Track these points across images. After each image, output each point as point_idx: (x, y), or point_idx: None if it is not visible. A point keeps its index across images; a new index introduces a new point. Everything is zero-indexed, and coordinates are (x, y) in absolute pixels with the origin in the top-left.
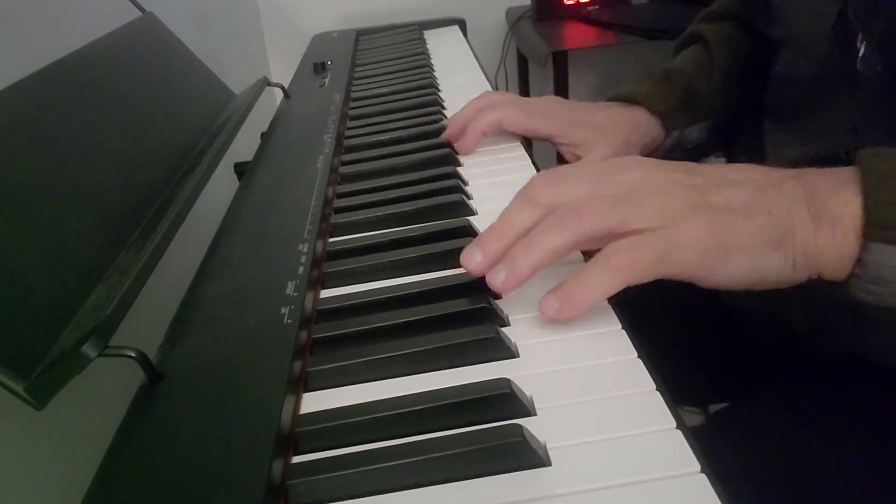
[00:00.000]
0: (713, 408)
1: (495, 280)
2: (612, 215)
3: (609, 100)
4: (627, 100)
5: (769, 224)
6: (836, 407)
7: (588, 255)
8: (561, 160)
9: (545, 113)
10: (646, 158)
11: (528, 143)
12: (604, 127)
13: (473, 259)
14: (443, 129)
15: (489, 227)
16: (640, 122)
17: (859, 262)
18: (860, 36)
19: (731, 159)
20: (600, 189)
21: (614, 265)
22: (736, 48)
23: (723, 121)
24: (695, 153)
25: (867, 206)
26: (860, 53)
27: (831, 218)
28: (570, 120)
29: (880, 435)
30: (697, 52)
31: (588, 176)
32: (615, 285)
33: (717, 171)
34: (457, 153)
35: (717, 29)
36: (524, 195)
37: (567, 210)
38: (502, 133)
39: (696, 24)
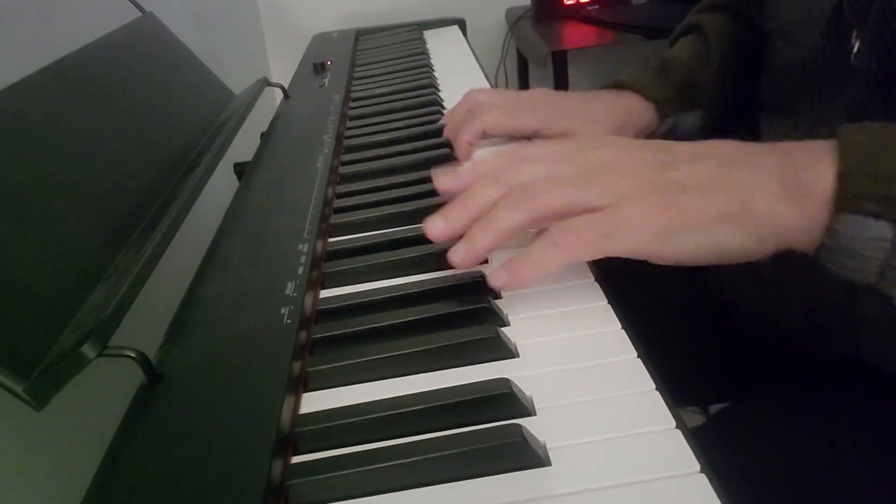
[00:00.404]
0: (714, 408)
1: (455, 256)
2: (563, 195)
3: (603, 87)
4: (621, 87)
5: (726, 199)
6: (834, 407)
7: None
8: None
9: (531, 108)
10: (619, 138)
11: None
12: (594, 115)
13: (436, 227)
14: (440, 130)
15: (457, 198)
16: (634, 109)
17: (830, 232)
18: (854, 31)
19: None
20: (559, 169)
21: (557, 242)
22: (733, 39)
23: (719, 110)
24: (687, 140)
25: (840, 177)
26: (854, 49)
27: (804, 189)
28: (557, 112)
29: (878, 435)
30: (694, 42)
31: (552, 155)
32: (557, 262)
33: (686, 148)
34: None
35: (714, 19)
36: (492, 172)
37: (521, 191)
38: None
39: (693, 14)
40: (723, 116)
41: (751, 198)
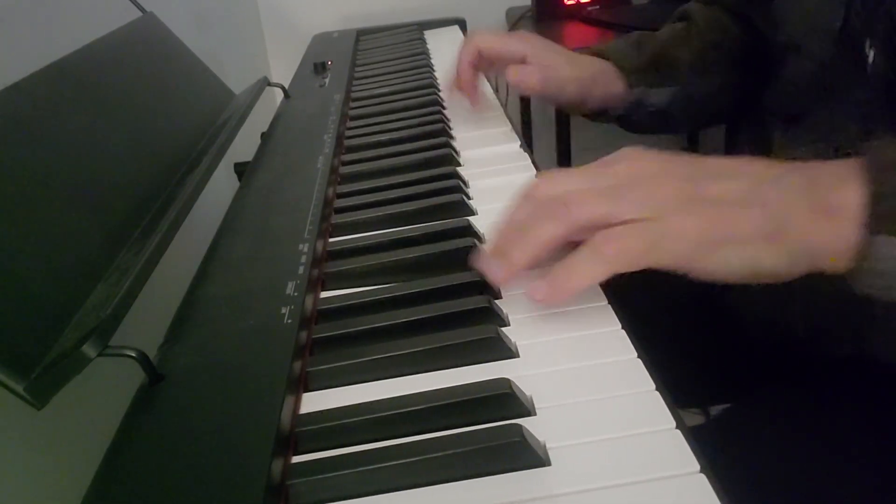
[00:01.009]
0: (714, 410)
1: (492, 273)
2: (601, 205)
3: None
4: (597, 54)
5: (762, 217)
6: (835, 409)
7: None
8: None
9: (522, 38)
10: (644, 149)
11: (528, 143)
12: (574, 59)
13: (481, 258)
14: (440, 130)
15: (497, 228)
16: (606, 72)
17: (862, 254)
18: (868, 41)
19: None
20: (594, 181)
21: (602, 253)
22: (720, 31)
23: (692, 95)
24: (658, 118)
25: (870, 197)
26: (870, 58)
27: (833, 210)
28: (544, 47)
29: (879, 436)
30: (678, 27)
31: (585, 171)
32: (602, 273)
33: (715, 163)
34: (456, 154)
35: (706, 10)
36: (525, 192)
37: (557, 202)
38: (501, 132)
39: (689, 4)
40: (699, 100)
41: (783, 217)
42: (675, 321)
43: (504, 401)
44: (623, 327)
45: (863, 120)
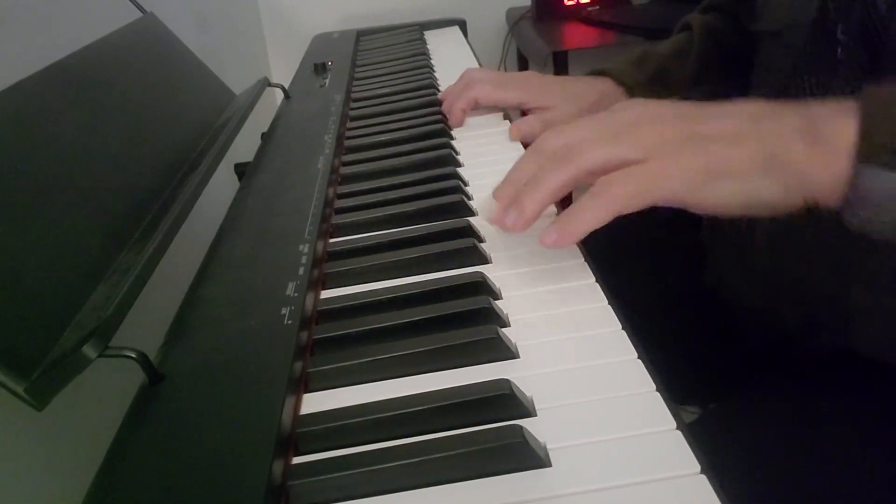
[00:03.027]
0: (707, 406)
1: (506, 221)
2: (602, 149)
3: (586, 74)
4: (599, 74)
5: (758, 149)
6: (828, 403)
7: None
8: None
9: (519, 84)
10: (647, 99)
11: (528, 143)
12: (572, 95)
13: (493, 209)
14: (441, 130)
15: (503, 179)
16: (608, 93)
17: (851, 185)
18: (840, 27)
19: None
20: (598, 129)
21: (603, 196)
22: (718, 37)
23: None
24: None
25: (862, 129)
26: (840, 44)
27: (826, 141)
28: (541, 89)
29: (872, 429)
30: (680, 39)
31: (585, 121)
32: (605, 215)
33: (713, 106)
34: (456, 155)
35: (705, 19)
36: (533, 145)
37: (564, 149)
38: (502, 132)
39: (691, 14)
40: None
41: (777, 149)
42: (670, 318)
43: (504, 401)
44: (623, 328)
45: None
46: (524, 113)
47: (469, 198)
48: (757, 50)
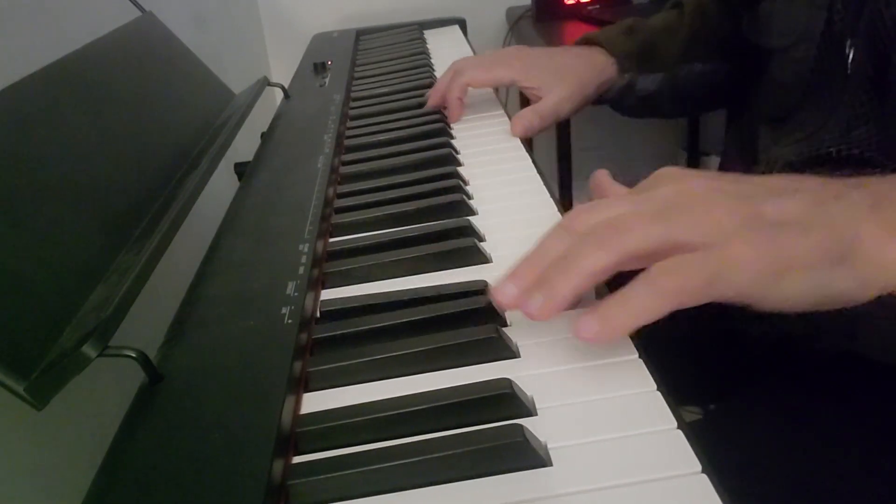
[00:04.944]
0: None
1: (531, 306)
2: (653, 230)
3: (575, 44)
4: (589, 42)
5: (830, 238)
6: (831, 405)
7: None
8: (526, 103)
9: (506, 62)
10: (683, 169)
11: (528, 142)
12: (561, 69)
13: (506, 292)
14: (440, 129)
15: (522, 258)
16: (597, 62)
17: None
18: (848, 41)
19: (724, 160)
20: (640, 206)
21: (661, 287)
22: (708, 17)
23: (677, 82)
24: (647, 103)
25: None
26: (850, 58)
27: None
28: (529, 65)
29: (874, 432)
30: (669, 15)
31: (626, 197)
32: (661, 309)
33: (766, 181)
34: (456, 154)
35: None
36: (560, 223)
37: (606, 228)
38: (501, 131)
39: None
40: (683, 86)
41: (856, 238)
42: (667, 317)
43: (505, 401)
44: None
45: (846, 119)
46: (524, 99)
47: (469, 197)
48: (764, 66)
